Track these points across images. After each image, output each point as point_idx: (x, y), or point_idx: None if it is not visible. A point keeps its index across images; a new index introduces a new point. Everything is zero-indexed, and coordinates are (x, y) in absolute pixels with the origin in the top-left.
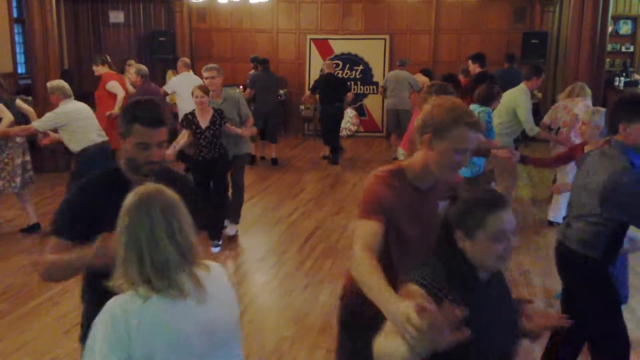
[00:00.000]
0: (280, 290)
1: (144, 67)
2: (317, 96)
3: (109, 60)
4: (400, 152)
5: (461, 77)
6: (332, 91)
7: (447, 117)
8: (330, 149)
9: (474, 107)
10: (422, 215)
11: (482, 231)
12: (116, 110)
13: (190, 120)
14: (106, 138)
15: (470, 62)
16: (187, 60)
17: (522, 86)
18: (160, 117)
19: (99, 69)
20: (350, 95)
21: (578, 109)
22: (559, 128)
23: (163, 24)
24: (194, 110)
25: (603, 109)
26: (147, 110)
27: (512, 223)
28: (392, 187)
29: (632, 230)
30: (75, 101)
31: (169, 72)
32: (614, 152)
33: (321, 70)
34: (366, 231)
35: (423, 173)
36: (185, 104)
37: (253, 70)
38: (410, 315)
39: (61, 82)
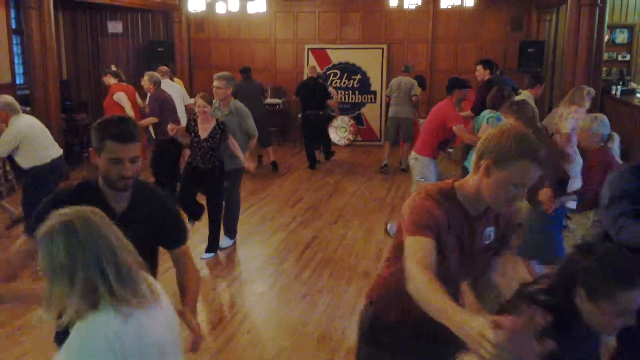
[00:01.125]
0: (278, 300)
1: (156, 74)
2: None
3: (116, 70)
4: (413, 155)
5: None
6: (311, 96)
7: (514, 147)
8: (324, 152)
9: (485, 113)
10: (467, 241)
11: (609, 303)
12: (144, 122)
13: (192, 126)
14: (60, 152)
15: (480, 67)
16: (165, 68)
17: (527, 93)
18: (132, 132)
19: (108, 80)
20: (333, 103)
21: (565, 126)
22: (552, 134)
23: (161, 34)
24: (197, 117)
25: (602, 116)
26: (119, 126)
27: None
28: (441, 206)
29: None
30: (25, 115)
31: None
32: None
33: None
34: (420, 248)
35: (474, 198)
36: None
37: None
38: (486, 332)
39: (8, 98)
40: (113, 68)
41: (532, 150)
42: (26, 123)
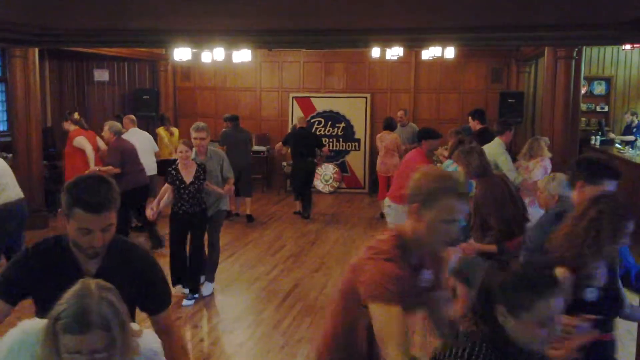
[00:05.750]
0: (256, 350)
1: (117, 124)
2: (289, 150)
3: (78, 119)
4: (387, 203)
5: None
6: (305, 146)
7: (436, 187)
8: (302, 204)
9: (448, 163)
10: (411, 294)
11: (528, 314)
12: (92, 166)
13: (173, 175)
14: (21, 195)
15: (470, 118)
16: (132, 116)
17: (498, 140)
18: (105, 200)
19: (68, 126)
20: (325, 150)
21: (535, 176)
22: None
23: (147, 82)
24: (177, 164)
25: (560, 175)
26: (89, 192)
27: (560, 308)
28: (403, 268)
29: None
30: None
31: (160, 130)
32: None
33: (294, 126)
34: (396, 325)
35: (414, 243)
36: None
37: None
38: None
39: None
40: (76, 116)
41: (453, 187)
42: None
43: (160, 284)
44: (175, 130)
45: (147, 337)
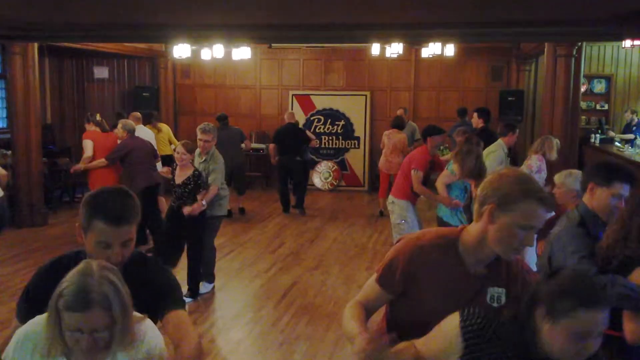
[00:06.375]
0: (254, 348)
1: (130, 122)
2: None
3: (97, 119)
4: (390, 199)
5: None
6: (290, 142)
7: (516, 188)
8: (296, 200)
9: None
10: (461, 298)
11: (567, 322)
12: (80, 165)
13: (172, 169)
14: (1, 194)
15: (475, 115)
16: (137, 114)
17: (500, 142)
18: (126, 212)
19: (89, 127)
20: (313, 144)
21: (525, 165)
22: None
23: (147, 79)
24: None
25: (576, 172)
26: (111, 203)
27: (603, 324)
28: (425, 261)
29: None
30: None
31: (147, 127)
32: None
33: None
34: (369, 291)
35: (477, 247)
36: None
37: None
38: (355, 341)
39: None
40: (98, 117)
41: (535, 191)
42: None
43: (175, 292)
44: (164, 126)
45: (152, 328)
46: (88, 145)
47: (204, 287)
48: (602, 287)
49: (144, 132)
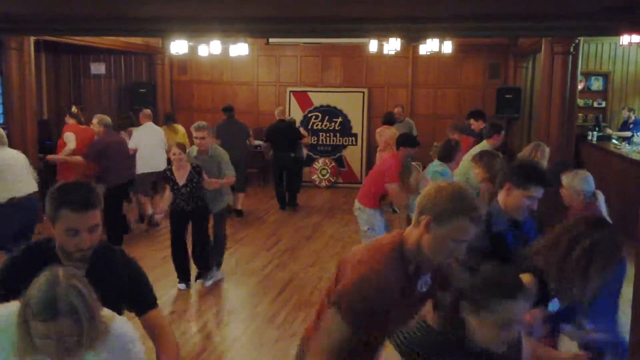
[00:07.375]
0: (250, 344)
1: (106, 117)
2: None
3: (75, 112)
4: (357, 206)
5: (457, 135)
6: (282, 138)
7: (450, 206)
8: (288, 197)
9: (435, 164)
10: (407, 294)
11: (489, 314)
12: (60, 156)
13: (168, 176)
14: (35, 189)
15: (472, 120)
16: (147, 111)
17: (484, 144)
18: (89, 199)
19: (67, 119)
20: (305, 140)
21: None
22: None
23: (144, 75)
24: (172, 166)
25: (584, 173)
26: (74, 193)
27: (522, 313)
28: (385, 286)
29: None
30: (8, 149)
31: (163, 128)
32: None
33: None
34: (334, 341)
35: (415, 251)
36: (146, 152)
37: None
38: None
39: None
40: (73, 109)
41: (468, 209)
42: (1, 156)
43: (144, 284)
44: (180, 128)
45: (121, 323)
46: (70, 138)
47: (219, 274)
48: (517, 278)
49: (153, 130)
